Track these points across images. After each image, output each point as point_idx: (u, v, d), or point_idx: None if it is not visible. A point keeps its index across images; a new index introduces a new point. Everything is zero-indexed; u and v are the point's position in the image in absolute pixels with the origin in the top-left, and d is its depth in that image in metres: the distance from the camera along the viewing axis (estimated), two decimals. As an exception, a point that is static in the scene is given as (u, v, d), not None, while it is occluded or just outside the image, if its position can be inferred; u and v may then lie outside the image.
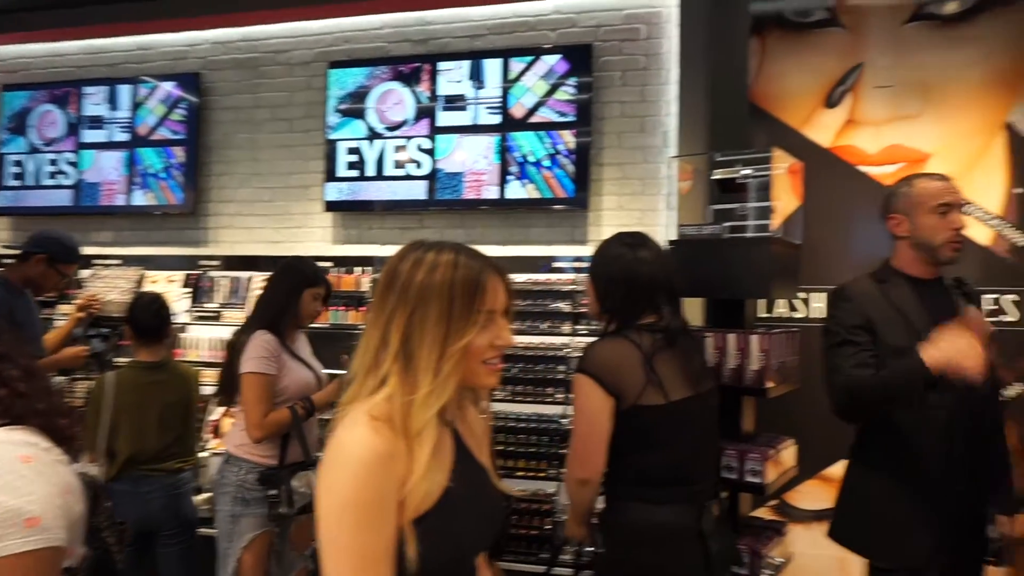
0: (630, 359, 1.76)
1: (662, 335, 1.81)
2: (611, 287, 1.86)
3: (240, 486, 2.45)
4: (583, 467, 1.78)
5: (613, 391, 1.75)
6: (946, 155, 3.13)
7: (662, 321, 1.83)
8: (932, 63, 3.16)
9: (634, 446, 1.76)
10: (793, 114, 3.28)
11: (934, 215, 2.00)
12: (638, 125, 3.57)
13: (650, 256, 1.87)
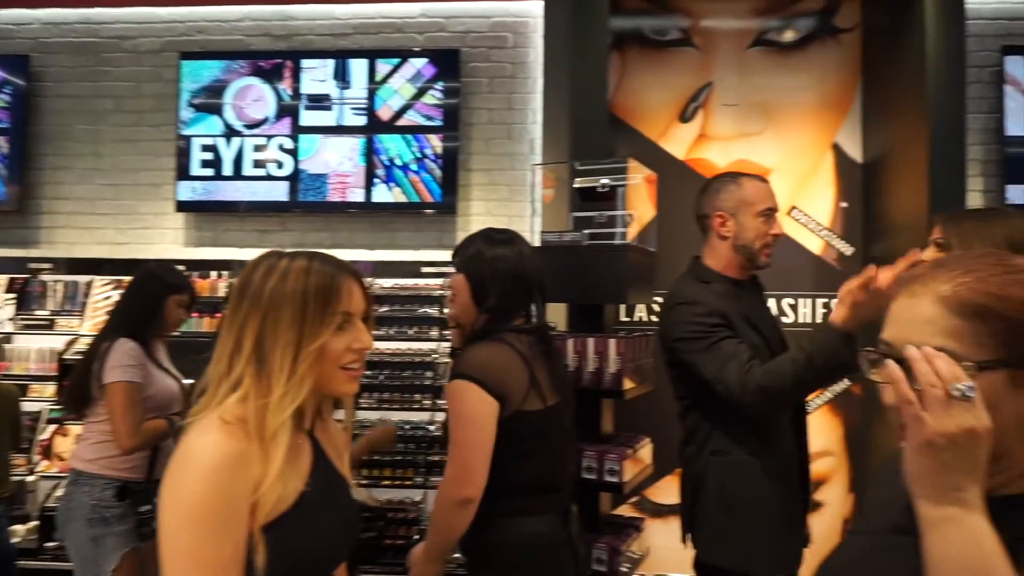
0: (513, 362, 1.68)
1: (536, 338, 1.75)
2: (494, 286, 1.72)
3: (96, 506, 2.25)
4: (469, 483, 1.60)
5: (498, 395, 1.64)
6: (784, 171, 3.40)
7: (532, 323, 1.78)
8: (772, 85, 3.43)
9: (514, 455, 1.67)
10: (651, 127, 3.45)
11: (760, 218, 1.97)
12: (505, 132, 3.62)
13: (527, 253, 1.79)
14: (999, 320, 0.80)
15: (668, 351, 2.05)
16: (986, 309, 0.81)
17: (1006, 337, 0.80)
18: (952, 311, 0.82)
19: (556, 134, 3.14)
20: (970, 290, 0.83)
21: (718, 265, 2.03)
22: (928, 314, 0.84)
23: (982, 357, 0.80)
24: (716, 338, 1.87)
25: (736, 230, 1.98)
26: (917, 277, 0.88)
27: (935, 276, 0.86)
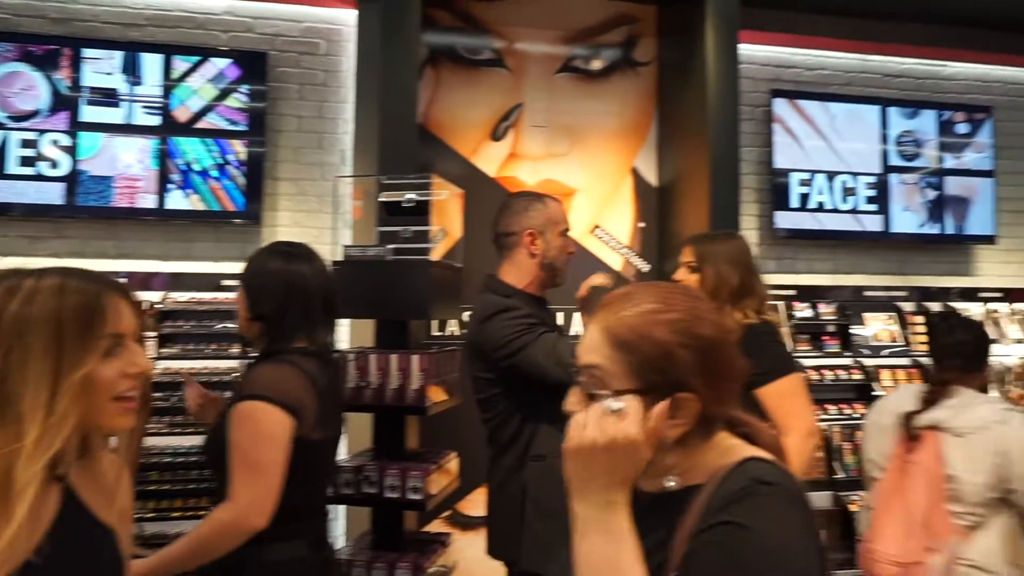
0: (303, 386, 1.60)
1: (320, 361, 1.68)
2: (267, 302, 1.65)
3: None
4: (264, 511, 1.51)
5: (292, 417, 1.56)
6: (588, 191, 3.60)
7: (316, 344, 1.69)
8: (578, 110, 3.62)
9: (288, 482, 1.58)
10: (464, 144, 3.50)
11: (562, 237, 2.06)
12: (316, 141, 3.50)
13: (311, 270, 1.71)
14: (640, 356, 0.92)
15: (487, 363, 2.02)
16: (629, 344, 0.92)
17: (643, 371, 0.92)
18: (607, 341, 0.94)
19: (366, 146, 3.09)
20: (621, 324, 0.94)
21: (520, 282, 2.08)
22: (595, 340, 0.96)
23: (622, 385, 0.91)
24: (540, 331, 1.92)
25: (544, 248, 2.04)
26: (605, 303, 0.98)
27: (611, 305, 0.97)
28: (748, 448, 0.98)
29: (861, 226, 3.97)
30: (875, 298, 3.99)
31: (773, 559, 0.83)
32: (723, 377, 0.95)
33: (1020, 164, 4.34)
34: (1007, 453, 1.97)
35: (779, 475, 0.92)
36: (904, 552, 2.05)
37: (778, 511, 0.87)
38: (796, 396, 1.97)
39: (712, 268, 2.09)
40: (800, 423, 1.92)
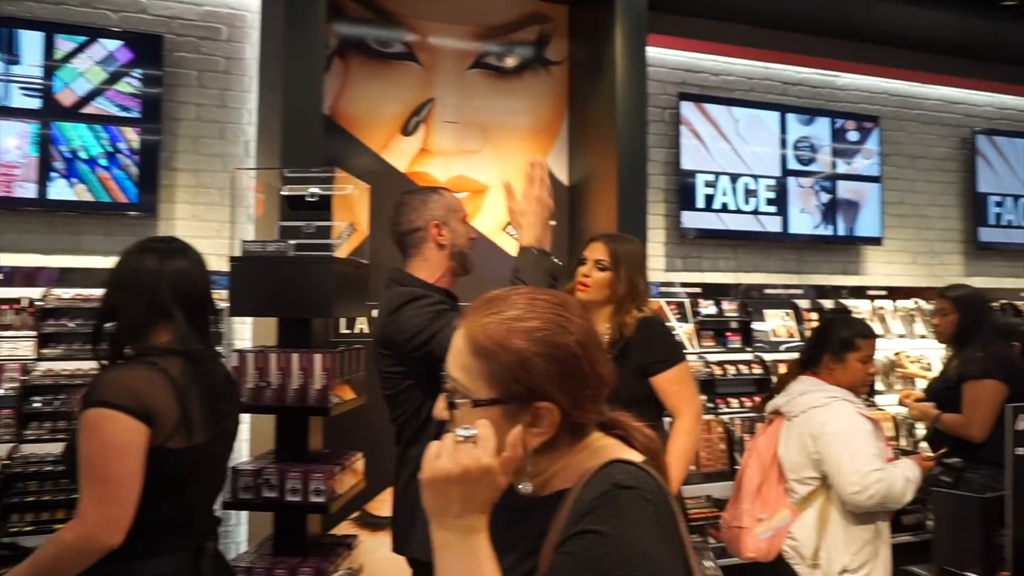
0: (161, 389, 1.48)
1: (190, 362, 1.55)
2: (130, 299, 1.53)
3: None
4: (118, 529, 1.39)
5: (146, 424, 1.44)
6: (500, 188, 3.58)
7: (187, 344, 1.56)
8: (490, 107, 3.61)
9: (146, 495, 1.45)
10: (374, 138, 3.43)
11: (464, 223, 2.05)
12: (217, 131, 3.34)
13: (184, 266, 1.59)
14: (499, 366, 0.92)
15: (399, 355, 1.94)
16: (487, 352, 0.92)
17: (502, 380, 0.92)
18: (469, 348, 0.94)
19: (270, 138, 2.98)
20: (482, 332, 0.94)
21: (431, 277, 2.03)
22: (458, 346, 0.96)
23: (481, 394, 0.92)
24: (451, 317, 1.85)
25: (451, 237, 2.01)
26: (472, 308, 0.98)
27: (477, 311, 0.97)
28: (617, 449, 0.99)
29: (762, 227, 4.14)
30: (774, 295, 4.17)
31: (633, 565, 0.84)
32: (585, 385, 0.95)
33: (903, 171, 4.64)
34: (817, 437, 2.16)
35: (640, 478, 0.92)
36: (733, 517, 2.34)
37: (637, 516, 0.88)
38: (687, 382, 2.21)
39: (626, 271, 2.25)
40: (691, 407, 2.16)
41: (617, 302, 2.23)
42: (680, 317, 3.86)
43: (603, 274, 2.25)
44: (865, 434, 2.16)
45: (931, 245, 4.71)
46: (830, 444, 2.14)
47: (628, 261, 2.27)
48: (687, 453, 2.14)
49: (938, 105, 4.78)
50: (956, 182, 4.77)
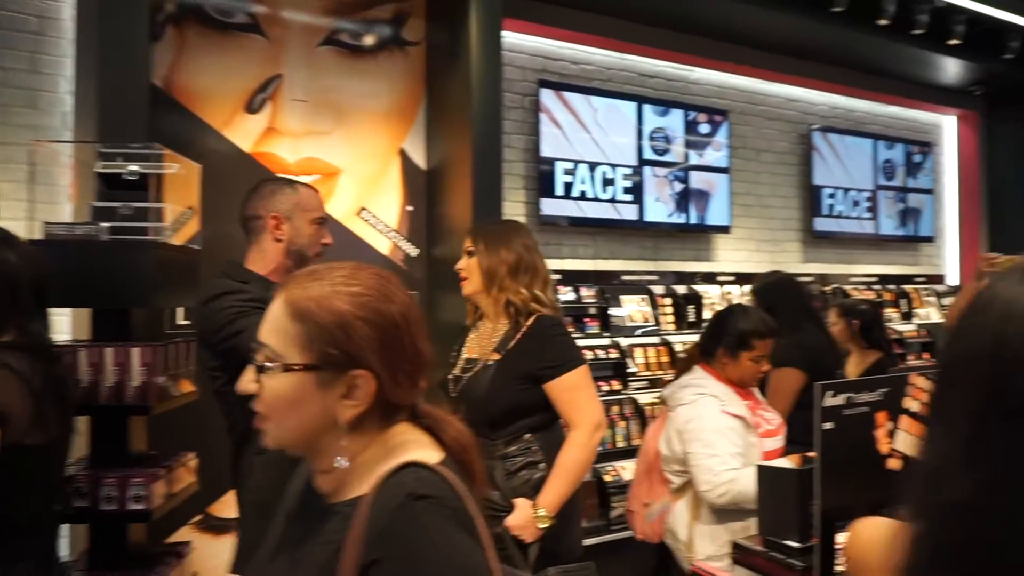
0: (10, 385, 1.43)
1: (34, 356, 1.51)
2: None
3: None
4: None
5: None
6: (354, 171, 3.46)
7: (29, 338, 1.53)
8: (343, 87, 3.45)
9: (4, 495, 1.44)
10: (214, 114, 3.19)
11: (314, 225, 2.01)
12: (28, 99, 2.98)
13: (15, 257, 1.55)
14: (317, 327, 0.89)
15: (213, 350, 1.87)
16: (307, 314, 0.90)
17: (317, 342, 0.89)
18: (286, 312, 0.91)
19: (88, 109, 2.69)
20: (303, 294, 0.92)
21: (264, 268, 1.96)
22: (274, 312, 0.93)
23: (294, 359, 0.89)
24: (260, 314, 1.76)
25: (291, 234, 1.96)
26: (291, 279, 0.95)
27: (297, 279, 0.95)
28: (416, 447, 0.95)
29: (619, 215, 4.25)
30: (631, 282, 4.30)
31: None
32: (404, 358, 0.93)
33: (749, 163, 4.91)
34: (681, 433, 2.24)
35: (435, 485, 0.89)
36: (628, 499, 2.50)
37: (438, 528, 0.85)
38: (584, 389, 1.97)
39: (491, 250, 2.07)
40: (587, 416, 1.93)
41: (498, 286, 2.03)
42: (540, 303, 3.89)
43: (471, 259, 2.12)
44: (725, 432, 2.19)
45: (773, 234, 5.03)
46: (691, 441, 2.19)
47: (494, 240, 2.08)
48: (573, 468, 1.88)
49: (780, 102, 5.09)
50: (795, 175, 5.11)
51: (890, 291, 5.32)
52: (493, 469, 1.90)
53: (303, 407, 0.89)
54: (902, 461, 1.90)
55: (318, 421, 0.90)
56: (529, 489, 1.84)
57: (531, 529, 1.76)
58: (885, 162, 5.46)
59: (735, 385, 2.36)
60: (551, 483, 1.82)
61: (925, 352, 5.15)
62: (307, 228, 2.00)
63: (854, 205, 5.29)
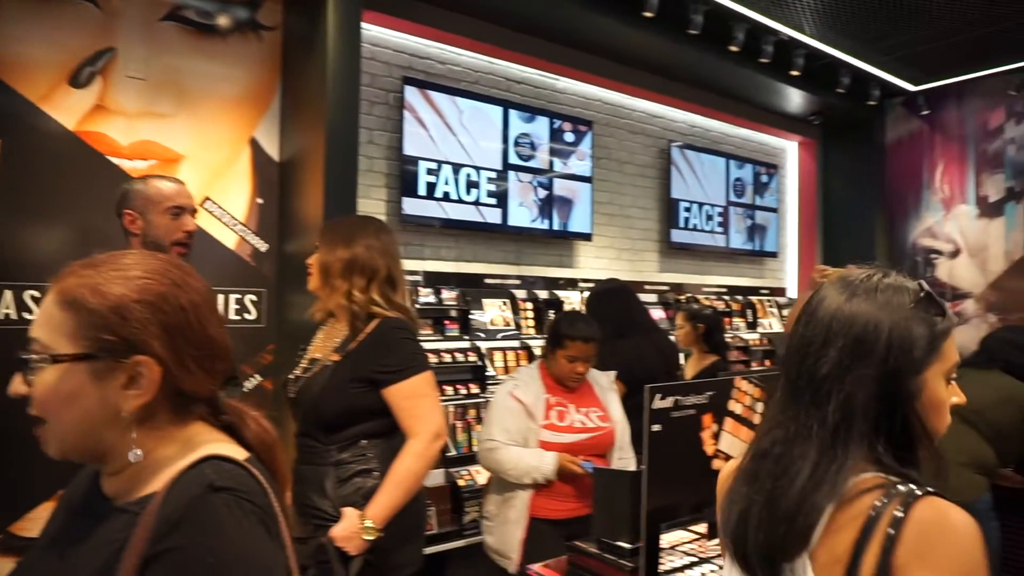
0: None
1: None
2: None
3: None
4: None
5: None
6: (198, 159, 3.22)
7: None
8: (188, 67, 3.21)
9: None
10: (32, 87, 2.86)
11: (167, 216, 2.02)
12: None
13: None
14: (88, 313, 0.83)
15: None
16: (77, 301, 0.84)
17: (89, 329, 0.83)
18: (57, 303, 0.84)
19: None
20: (74, 282, 0.85)
21: None
22: (44, 304, 0.86)
23: (66, 350, 0.82)
24: None
25: (144, 227, 2.00)
26: (68, 267, 0.88)
27: (73, 268, 0.88)
28: (217, 444, 0.89)
29: (483, 218, 4.24)
30: (494, 285, 4.30)
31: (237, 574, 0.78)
32: (191, 343, 0.87)
33: (611, 174, 5.06)
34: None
35: (238, 478, 0.84)
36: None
37: (235, 520, 0.80)
38: (425, 396, 1.87)
39: (331, 244, 1.97)
40: (426, 425, 1.83)
41: (331, 284, 1.93)
42: (399, 305, 3.80)
43: (316, 255, 2.02)
44: (502, 411, 2.51)
45: (633, 243, 5.21)
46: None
47: (334, 237, 1.98)
48: (406, 479, 1.77)
49: (643, 116, 5.29)
50: (654, 188, 5.33)
51: (738, 301, 5.66)
52: (325, 476, 1.80)
53: (79, 401, 0.83)
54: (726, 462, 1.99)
55: (98, 415, 0.83)
56: (360, 498, 1.75)
57: (356, 541, 1.67)
58: (736, 180, 5.81)
59: (553, 380, 2.59)
60: (381, 493, 1.73)
61: (767, 359, 5.51)
62: (160, 219, 2.02)
63: (708, 219, 5.59)
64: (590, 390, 2.65)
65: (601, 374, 2.72)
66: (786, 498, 0.91)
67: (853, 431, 0.90)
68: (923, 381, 0.91)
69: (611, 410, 2.62)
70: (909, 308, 0.92)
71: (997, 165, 5.48)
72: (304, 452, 1.86)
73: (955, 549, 0.81)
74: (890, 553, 0.82)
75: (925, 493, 0.86)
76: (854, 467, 0.90)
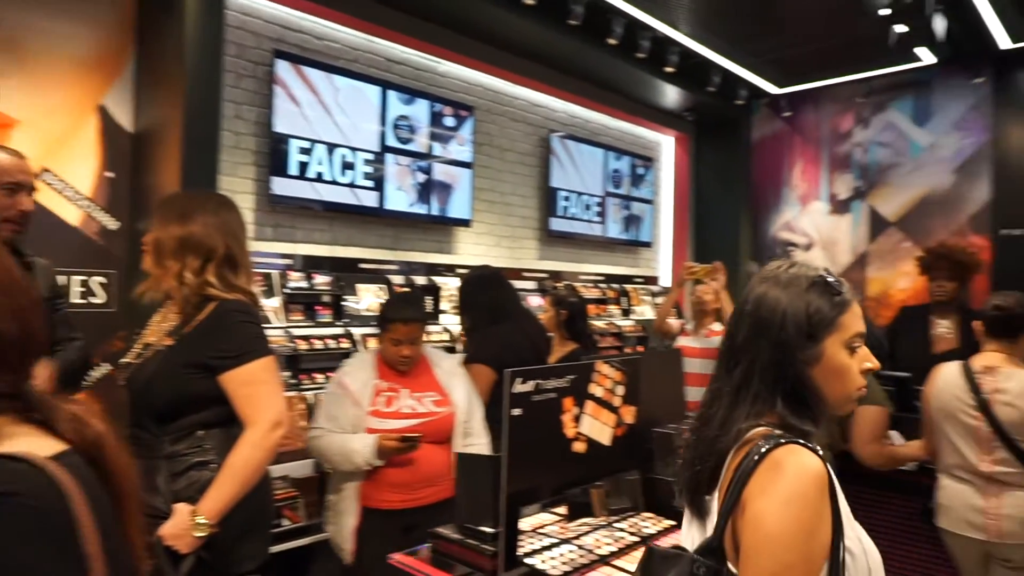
0: None
1: None
2: None
3: None
4: None
5: None
6: (35, 125, 2.93)
7: None
8: (25, 23, 2.91)
9: None
10: None
11: (6, 192, 1.87)
12: None
13: None
14: None
15: None
16: None
17: None
18: None
19: None
20: None
21: None
22: None
23: None
24: None
25: None
26: None
27: None
28: (22, 438, 0.80)
29: (359, 200, 4.12)
30: (369, 271, 4.19)
31: None
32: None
33: (492, 160, 5.07)
34: None
35: (25, 480, 0.75)
36: None
37: (12, 532, 0.71)
38: (264, 383, 1.76)
39: (163, 221, 1.81)
40: (265, 414, 1.72)
41: (162, 264, 1.78)
42: (267, 291, 3.63)
43: (150, 232, 1.85)
44: (330, 398, 2.48)
45: (513, 230, 5.25)
46: None
47: (169, 213, 1.82)
48: (242, 471, 1.66)
49: (524, 105, 5.32)
50: (534, 176, 5.38)
51: (614, 289, 5.84)
52: (156, 470, 1.67)
53: None
54: (587, 444, 2.04)
55: None
56: (195, 492, 1.63)
57: (186, 538, 1.56)
58: (614, 171, 5.97)
59: (387, 365, 2.53)
60: (215, 487, 1.63)
61: (640, 345, 5.72)
62: None
63: (586, 208, 5.71)
64: (428, 374, 2.57)
65: (444, 356, 2.66)
66: (702, 444, 1.13)
67: (751, 391, 1.10)
68: (822, 350, 1.09)
69: (453, 394, 2.54)
70: (804, 290, 1.11)
71: (847, 166, 5.94)
72: (135, 444, 1.72)
73: (783, 482, 0.98)
74: (743, 485, 1.01)
75: (789, 441, 1.02)
76: (753, 420, 1.08)
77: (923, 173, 5.51)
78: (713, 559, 1.04)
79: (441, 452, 2.47)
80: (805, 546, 0.96)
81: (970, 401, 2.41)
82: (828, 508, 0.99)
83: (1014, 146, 5.09)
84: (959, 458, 2.45)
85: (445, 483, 2.43)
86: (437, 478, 2.46)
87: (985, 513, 2.38)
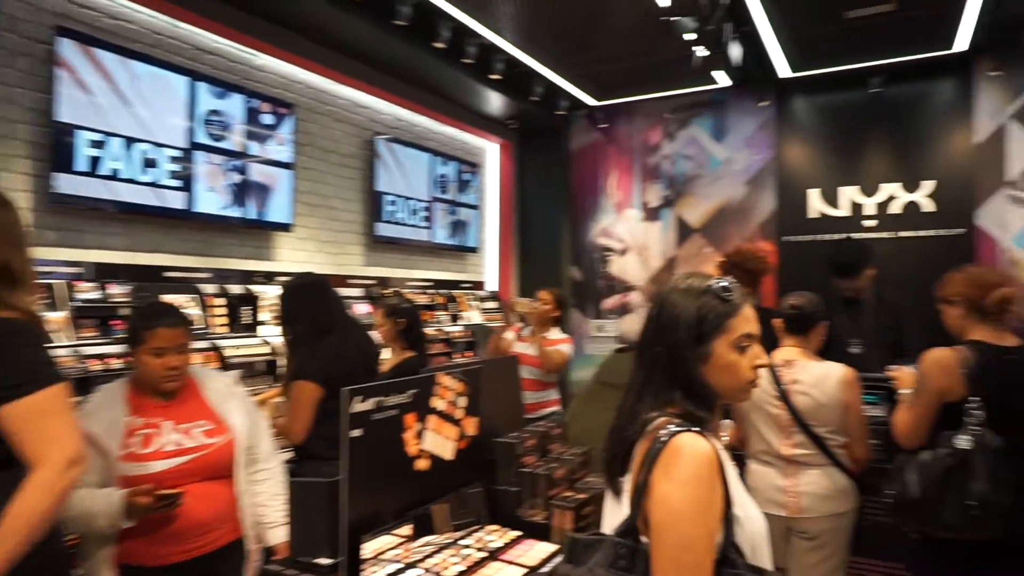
0: None
1: None
2: None
3: None
4: None
5: None
6: None
7: None
8: None
9: None
10: None
11: None
12: None
13: None
14: None
15: None
16: None
17: None
18: None
19: None
20: None
21: None
22: None
23: None
24: None
25: None
26: None
27: None
28: None
29: (163, 202, 3.71)
30: (177, 279, 3.80)
31: None
32: None
33: (315, 162, 4.82)
34: None
35: None
36: None
37: None
38: (54, 415, 1.47)
39: None
40: (58, 452, 1.44)
41: None
42: (50, 304, 3.15)
43: None
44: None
45: (337, 235, 5.02)
46: None
47: None
48: (27, 521, 1.39)
49: (348, 105, 5.12)
50: (359, 179, 5.19)
51: (442, 295, 5.79)
52: None
53: None
54: (430, 460, 1.96)
55: None
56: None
57: None
58: (440, 176, 5.93)
59: (141, 396, 2.03)
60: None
61: (469, 350, 5.73)
62: None
63: (412, 213, 5.62)
64: (197, 399, 2.12)
65: (216, 375, 2.26)
66: (615, 432, 1.28)
67: (654, 385, 1.25)
68: (711, 350, 1.24)
69: (229, 419, 2.12)
70: (696, 297, 1.26)
71: (656, 176, 6.37)
72: None
73: (683, 466, 1.13)
74: (650, 470, 1.15)
75: (687, 429, 1.16)
76: (655, 411, 1.22)
77: (721, 185, 6.06)
78: (631, 538, 1.17)
79: (220, 489, 2.08)
80: (704, 519, 1.12)
81: (773, 392, 2.65)
82: (720, 483, 1.15)
83: (793, 163, 5.75)
84: (764, 444, 2.67)
85: (229, 525, 2.08)
86: (218, 521, 2.06)
87: (785, 491, 2.61)
